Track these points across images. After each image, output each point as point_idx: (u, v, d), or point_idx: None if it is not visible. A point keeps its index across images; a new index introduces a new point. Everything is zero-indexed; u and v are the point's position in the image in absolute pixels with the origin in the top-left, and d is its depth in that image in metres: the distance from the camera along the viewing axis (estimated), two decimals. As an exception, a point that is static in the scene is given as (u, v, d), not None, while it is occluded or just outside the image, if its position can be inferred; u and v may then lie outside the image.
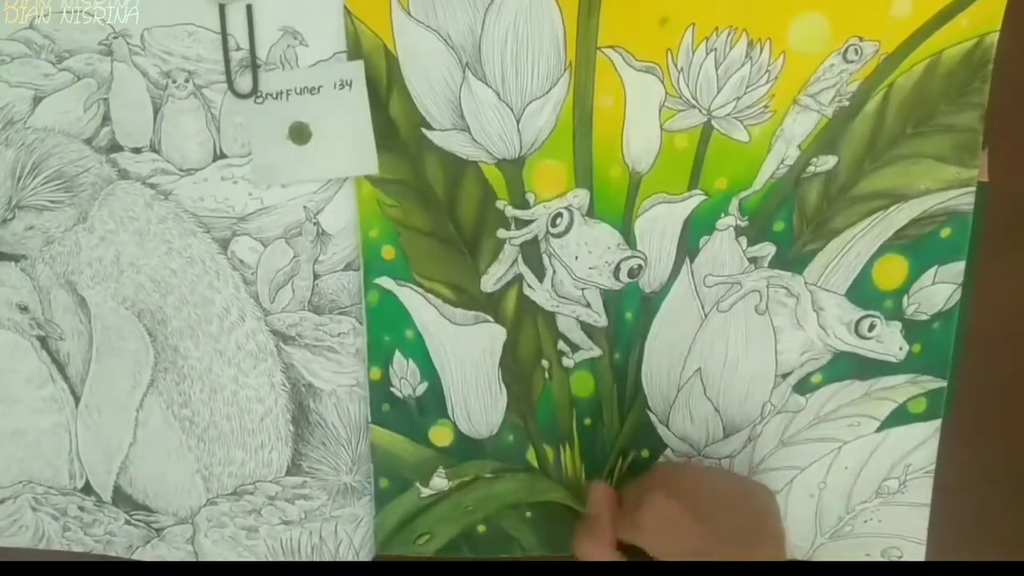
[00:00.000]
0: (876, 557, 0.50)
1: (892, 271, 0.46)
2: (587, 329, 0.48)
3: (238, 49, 0.44)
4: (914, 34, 0.42)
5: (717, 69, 0.43)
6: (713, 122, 0.44)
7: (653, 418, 0.49)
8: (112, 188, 0.47)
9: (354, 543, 0.52)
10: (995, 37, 0.42)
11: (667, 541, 0.41)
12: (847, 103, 0.43)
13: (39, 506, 0.52)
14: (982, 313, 0.47)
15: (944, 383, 0.47)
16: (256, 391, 0.49)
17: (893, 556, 0.50)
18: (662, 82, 0.43)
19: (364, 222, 0.46)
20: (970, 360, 0.48)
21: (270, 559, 0.52)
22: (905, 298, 0.46)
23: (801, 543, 0.51)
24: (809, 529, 0.50)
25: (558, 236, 0.46)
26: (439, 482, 0.50)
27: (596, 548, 0.42)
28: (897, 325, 0.47)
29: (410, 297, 0.47)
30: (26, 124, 0.46)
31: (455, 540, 0.51)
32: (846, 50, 0.43)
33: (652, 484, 0.43)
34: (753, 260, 0.46)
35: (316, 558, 0.52)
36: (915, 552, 0.50)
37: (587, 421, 0.49)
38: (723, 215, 0.45)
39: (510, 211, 0.46)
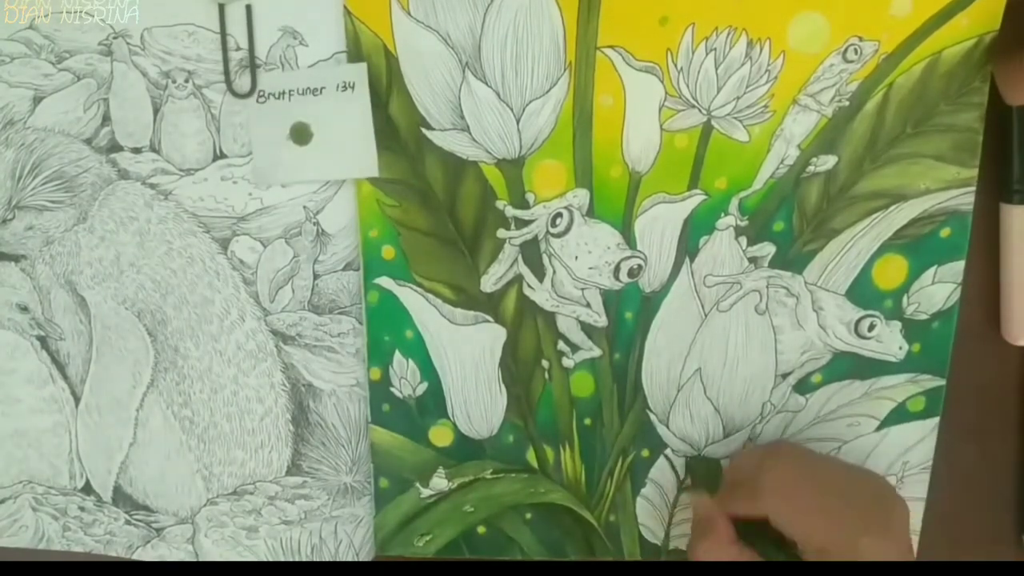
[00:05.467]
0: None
1: (892, 271, 0.46)
2: (587, 329, 0.47)
3: (238, 49, 0.44)
4: (914, 34, 0.42)
5: (717, 69, 0.43)
6: (713, 122, 0.44)
7: (653, 418, 0.49)
8: (112, 188, 0.47)
9: (354, 543, 0.52)
10: (995, 37, 0.42)
11: (789, 502, 0.40)
12: (847, 103, 0.43)
13: (39, 506, 0.52)
14: (979, 311, 0.47)
15: (943, 381, 0.47)
16: (256, 391, 0.49)
17: None
18: (662, 82, 0.43)
19: (364, 222, 0.46)
20: (969, 359, 0.48)
21: (270, 559, 0.52)
22: (905, 298, 0.46)
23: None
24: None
25: (558, 236, 0.46)
26: (439, 482, 0.50)
27: (717, 547, 0.41)
28: (897, 325, 0.47)
29: (410, 297, 0.47)
30: (26, 124, 0.46)
31: (455, 541, 0.51)
32: (846, 50, 0.43)
33: (766, 452, 0.43)
34: (753, 260, 0.46)
35: (316, 558, 0.52)
36: (912, 547, 0.50)
37: (587, 421, 0.49)
38: (723, 215, 0.45)
39: (510, 211, 0.46)
